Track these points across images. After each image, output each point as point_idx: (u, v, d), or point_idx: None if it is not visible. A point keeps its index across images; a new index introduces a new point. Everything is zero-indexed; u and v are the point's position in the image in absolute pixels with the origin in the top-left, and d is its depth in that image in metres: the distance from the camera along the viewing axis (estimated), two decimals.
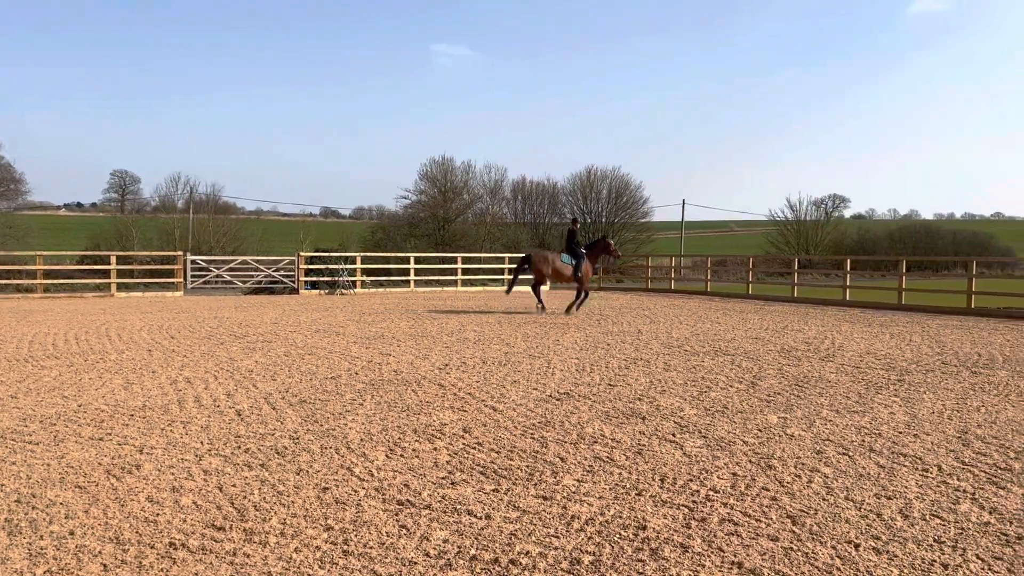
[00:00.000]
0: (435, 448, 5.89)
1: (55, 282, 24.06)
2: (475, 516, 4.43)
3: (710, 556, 3.89)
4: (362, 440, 6.12)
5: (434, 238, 48.11)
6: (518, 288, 24.47)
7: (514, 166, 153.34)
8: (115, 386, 8.36)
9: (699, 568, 3.75)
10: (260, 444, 5.99)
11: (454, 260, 31.78)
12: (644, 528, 4.26)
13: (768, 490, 4.88)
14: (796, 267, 27.72)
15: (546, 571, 3.73)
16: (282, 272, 27.16)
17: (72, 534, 4.15)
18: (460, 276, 29.16)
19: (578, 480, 5.10)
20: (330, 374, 9.26)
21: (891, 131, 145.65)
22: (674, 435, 6.32)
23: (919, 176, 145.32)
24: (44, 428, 6.46)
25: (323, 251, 29.10)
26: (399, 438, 6.19)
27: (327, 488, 4.92)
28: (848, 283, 23.09)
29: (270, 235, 55.37)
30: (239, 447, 5.90)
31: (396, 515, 4.45)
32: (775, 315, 18.34)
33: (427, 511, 4.52)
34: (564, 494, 4.81)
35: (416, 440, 6.13)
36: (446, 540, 4.09)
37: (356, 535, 4.16)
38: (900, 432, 6.47)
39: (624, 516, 4.43)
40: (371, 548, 3.99)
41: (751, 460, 5.58)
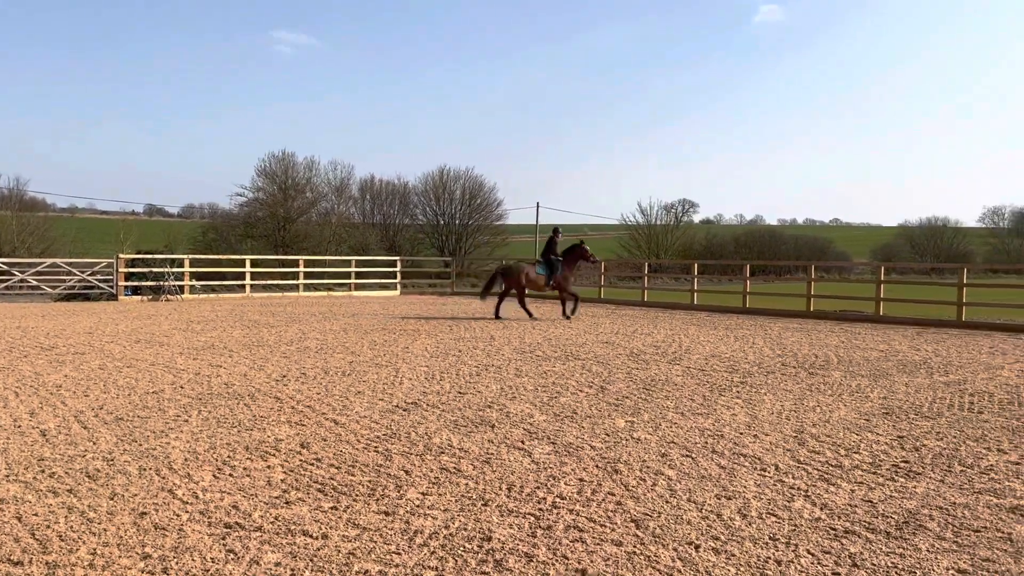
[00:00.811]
0: (269, 466, 5.71)
1: None
2: (311, 536, 4.34)
3: (554, 564, 3.99)
4: (186, 460, 5.84)
5: (274, 239, 46.64)
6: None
7: (362, 164, 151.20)
8: None
9: None
10: (68, 467, 5.59)
11: (296, 263, 30.92)
12: (489, 539, 4.31)
13: (614, 495, 5.07)
14: (647, 271, 28.92)
15: None
16: (99, 276, 25.45)
17: None
18: (302, 280, 28.42)
19: (423, 493, 5.10)
20: (151, 388, 8.78)
21: (738, 138, 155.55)
22: (523, 442, 6.45)
23: (764, 182, 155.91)
24: None
25: (146, 253, 27.53)
26: (229, 456, 5.95)
27: (145, 513, 4.66)
28: (696, 287, 24.36)
29: (87, 235, 51.73)
30: (43, 471, 5.49)
31: (223, 539, 4.28)
32: (626, 319, 19.08)
33: (258, 533, 4.37)
34: (408, 508, 4.79)
35: (248, 458, 5.92)
36: (278, 563, 3.97)
37: (178, 563, 3.96)
38: (741, 433, 6.90)
39: (469, 528, 4.47)
40: None
41: (598, 465, 5.78)
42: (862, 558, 4.08)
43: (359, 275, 30.95)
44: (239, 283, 27.29)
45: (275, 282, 28.96)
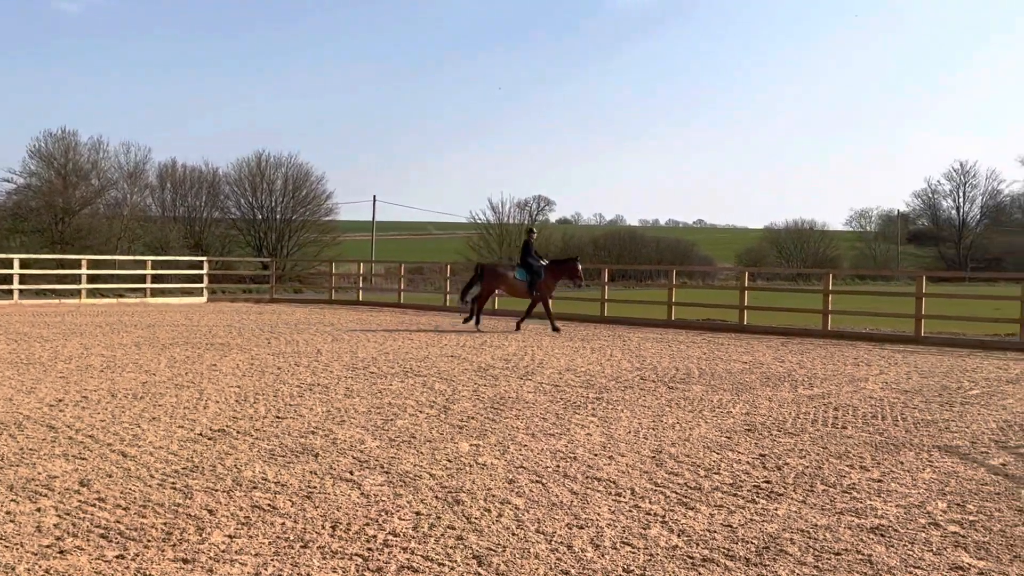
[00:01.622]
0: (39, 509, 5.37)
1: None
2: None
3: None
4: None
5: (50, 235, 43.91)
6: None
7: (161, 147, 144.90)
8: None
9: None
10: None
11: (77, 264, 29.22)
12: None
13: (454, 528, 5.10)
14: None
15: None
16: None
17: None
18: (86, 285, 26.89)
19: (230, 536, 4.94)
20: None
21: (596, 131, 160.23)
22: (352, 473, 6.37)
23: (625, 180, 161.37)
24: None
25: None
26: None
27: None
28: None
29: None
30: None
31: None
32: (474, 329, 19.22)
33: None
34: (211, 554, 4.63)
35: (12, 500, 5.54)
36: None
37: None
38: (596, 454, 7.11)
39: (285, 574, 4.37)
40: None
41: (437, 496, 5.80)
42: None
43: (157, 279, 29.66)
44: (5, 288, 25.48)
45: (51, 287, 27.23)
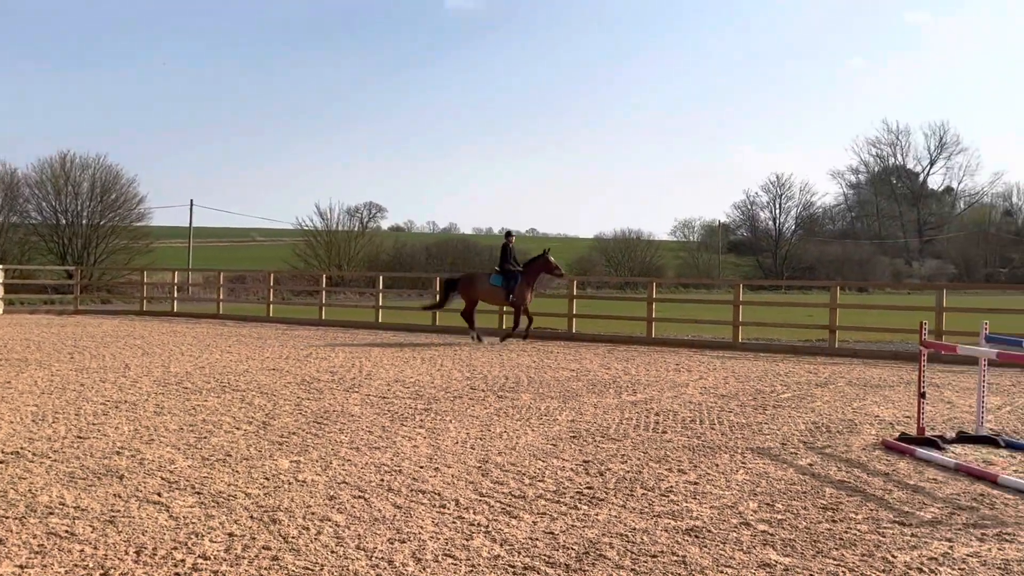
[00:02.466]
0: None
1: None
2: None
3: None
4: None
5: None
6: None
7: None
8: None
9: None
10: None
11: None
12: None
13: (269, 549, 4.98)
14: (326, 284, 28.84)
15: None
16: None
17: None
18: None
19: (21, 566, 4.64)
20: None
21: (430, 138, 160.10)
22: (160, 495, 6.11)
23: (458, 187, 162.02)
24: None
25: None
26: None
27: None
28: (382, 302, 24.75)
29: None
30: None
31: None
32: (299, 340, 18.86)
33: None
34: None
35: None
36: None
37: None
38: (422, 467, 7.12)
39: None
40: None
41: (253, 516, 5.65)
42: None
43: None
44: None
45: None
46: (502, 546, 5.13)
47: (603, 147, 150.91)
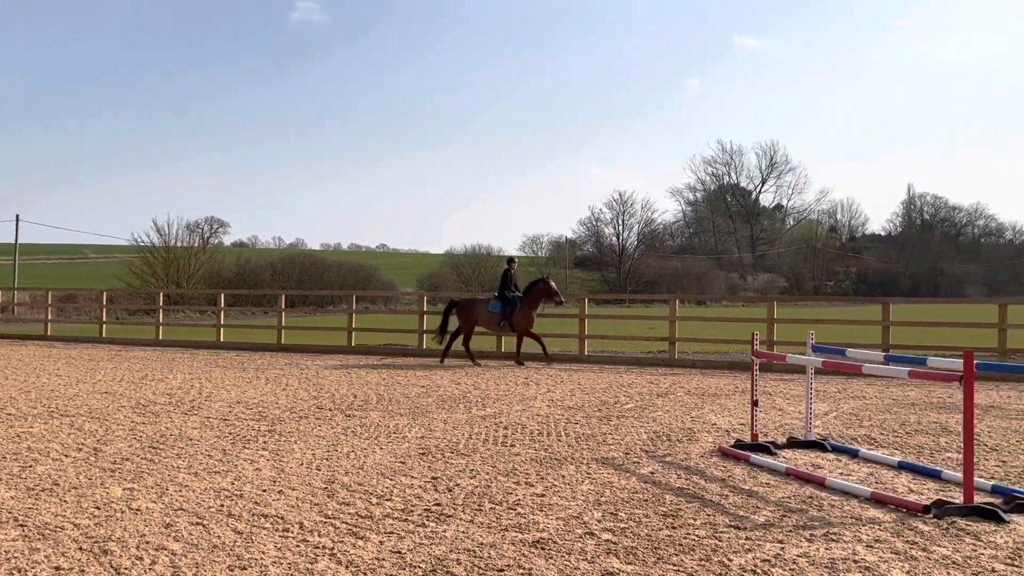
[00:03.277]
0: None
1: None
2: None
3: None
4: None
5: None
6: None
7: None
8: None
9: None
10: None
11: None
12: None
13: None
14: (163, 303, 27.72)
15: None
16: None
17: None
18: None
19: None
20: None
21: (275, 152, 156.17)
22: None
23: (306, 202, 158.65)
24: None
25: None
26: None
27: None
28: (223, 321, 24.00)
29: None
30: None
31: None
32: (135, 362, 18.06)
33: None
34: None
35: None
36: None
37: None
38: (265, 490, 6.92)
39: None
40: None
41: (82, 547, 5.34)
42: None
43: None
44: None
45: None
46: (348, 568, 5.04)
47: (452, 163, 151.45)
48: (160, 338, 23.82)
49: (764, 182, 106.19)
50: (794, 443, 8.99)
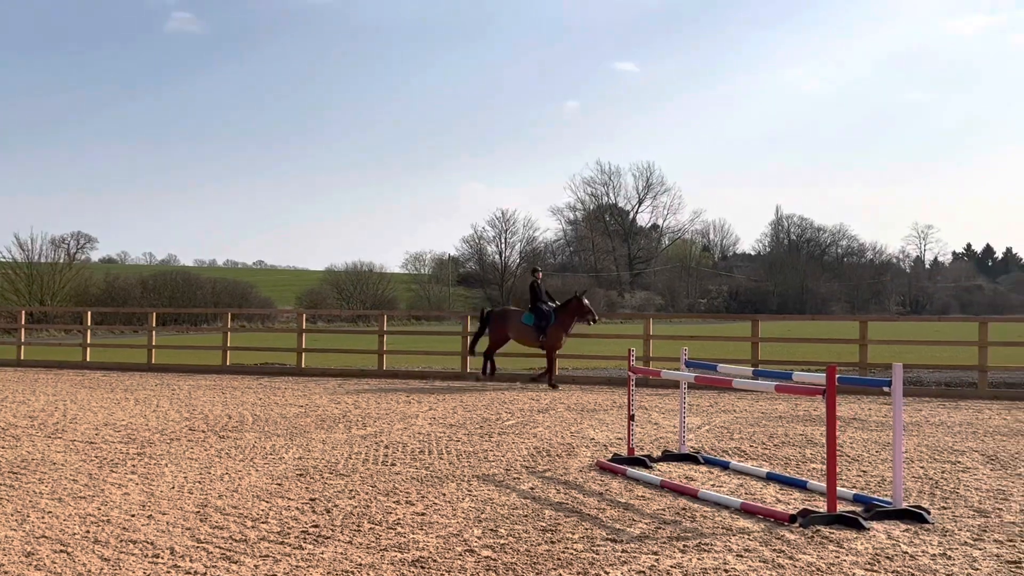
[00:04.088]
0: None
1: None
2: None
3: None
4: None
5: None
6: None
7: None
8: None
9: None
10: None
11: None
12: None
13: None
14: (25, 321, 26.43)
15: None
16: None
17: None
18: None
19: None
20: None
21: (148, 166, 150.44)
22: None
23: (179, 217, 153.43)
24: None
25: None
26: None
27: None
28: (90, 340, 23.05)
29: None
30: None
31: None
32: None
33: None
34: None
35: None
36: None
37: None
38: (133, 515, 6.67)
39: None
40: None
41: None
42: None
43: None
44: None
45: None
46: None
47: (333, 178, 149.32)
48: (22, 358, 22.69)
49: (641, 202, 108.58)
50: (669, 456, 9.22)
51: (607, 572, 5.34)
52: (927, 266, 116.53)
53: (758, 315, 17.21)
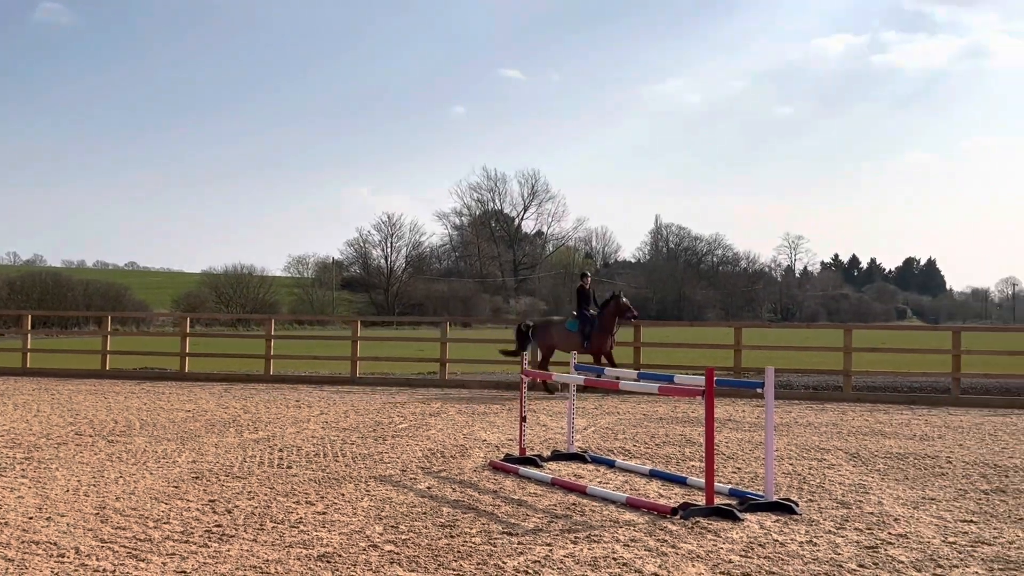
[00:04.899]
0: None
1: None
2: None
3: None
4: None
5: None
6: None
7: None
8: None
9: None
10: None
11: None
12: None
13: None
14: None
15: None
16: None
17: None
18: None
19: None
20: None
21: (15, 158, 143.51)
22: None
23: (46, 214, 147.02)
24: None
25: None
26: None
27: None
28: None
29: None
30: None
31: None
32: None
33: None
34: None
35: None
36: None
37: None
38: (31, 517, 6.66)
39: None
40: None
41: None
42: None
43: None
44: None
45: None
46: None
47: (212, 178, 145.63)
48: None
49: (526, 209, 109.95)
50: (558, 456, 9.64)
51: (504, 562, 5.69)
52: (797, 275, 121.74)
53: (639, 321, 17.77)
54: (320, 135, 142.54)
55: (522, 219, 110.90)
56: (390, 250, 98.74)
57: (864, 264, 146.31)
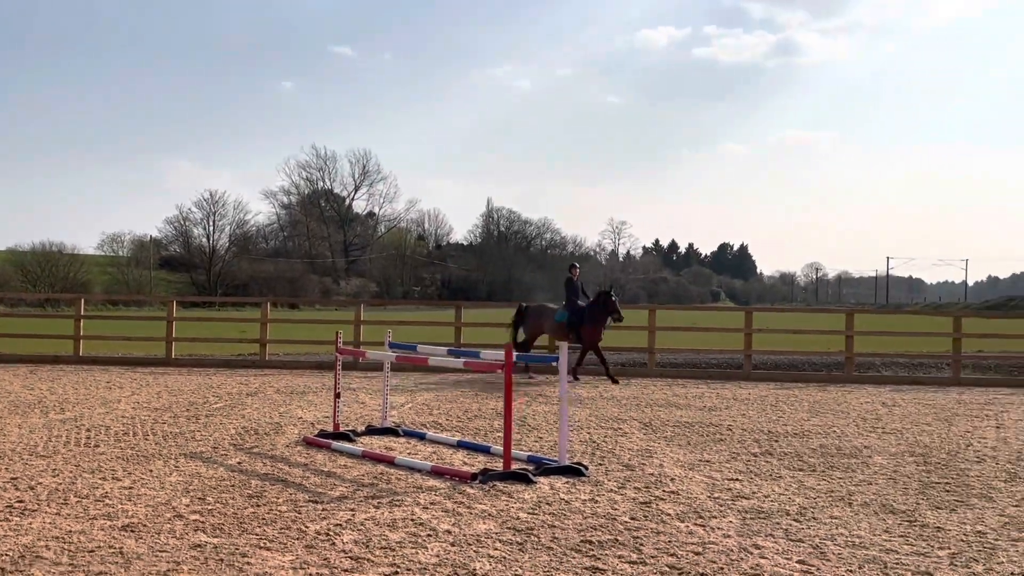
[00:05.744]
0: None
1: None
2: None
3: None
4: None
5: None
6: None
7: None
8: None
9: None
10: None
11: None
12: None
13: None
14: None
15: None
16: None
17: None
18: None
19: None
20: None
21: None
22: None
23: None
24: None
25: None
26: None
27: None
28: None
29: None
30: None
31: None
32: None
33: None
34: None
35: None
36: None
37: None
38: None
39: None
40: None
41: None
42: None
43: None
44: None
45: None
46: None
47: (15, 150, 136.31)
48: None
49: (357, 189, 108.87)
50: (372, 431, 10.01)
51: (307, 526, 6.02)
52: (621, 259, 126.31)
53: (461, 301, 18.46)
54: (139, 106, 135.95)
55: (353, 199, 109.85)
56: (212, 228, 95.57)
57: (683, 249, 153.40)
